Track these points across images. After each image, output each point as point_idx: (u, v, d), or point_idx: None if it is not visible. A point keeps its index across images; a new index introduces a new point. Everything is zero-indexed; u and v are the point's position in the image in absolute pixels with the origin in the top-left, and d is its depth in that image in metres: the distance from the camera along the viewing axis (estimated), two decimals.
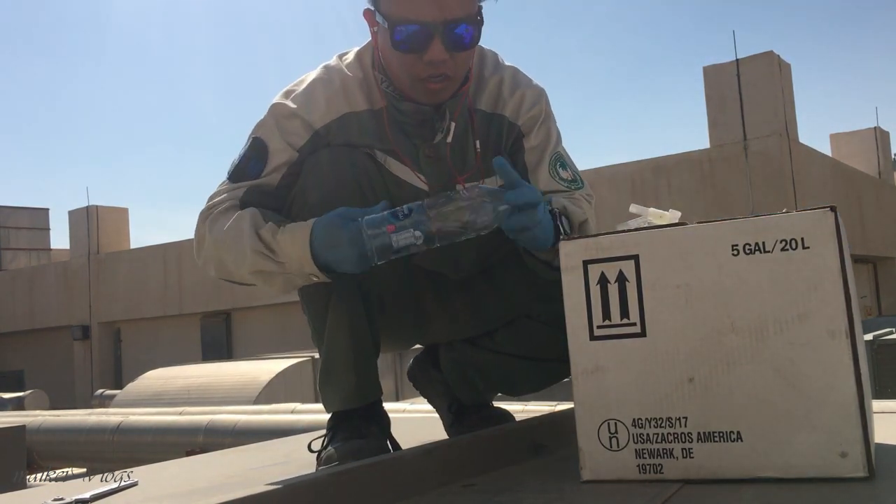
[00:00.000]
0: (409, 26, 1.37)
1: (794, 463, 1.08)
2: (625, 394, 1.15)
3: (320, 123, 1.48)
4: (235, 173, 1.49)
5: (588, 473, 1.16)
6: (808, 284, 1.07)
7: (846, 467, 1.05)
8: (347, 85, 1.50)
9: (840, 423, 1.06)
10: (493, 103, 1.55)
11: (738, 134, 10.34)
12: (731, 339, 1.10)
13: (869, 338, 4.92)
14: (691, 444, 1.13)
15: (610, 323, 1.15)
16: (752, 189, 10.13)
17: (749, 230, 1.11)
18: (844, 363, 1.06)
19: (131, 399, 8.79)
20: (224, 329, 15.26)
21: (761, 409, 1.09)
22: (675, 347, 1.12)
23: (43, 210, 23.83)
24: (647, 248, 1.14)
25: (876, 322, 8.92)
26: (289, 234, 1.33)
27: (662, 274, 1.13)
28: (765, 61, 10.43)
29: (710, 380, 1.11)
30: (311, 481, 1.10)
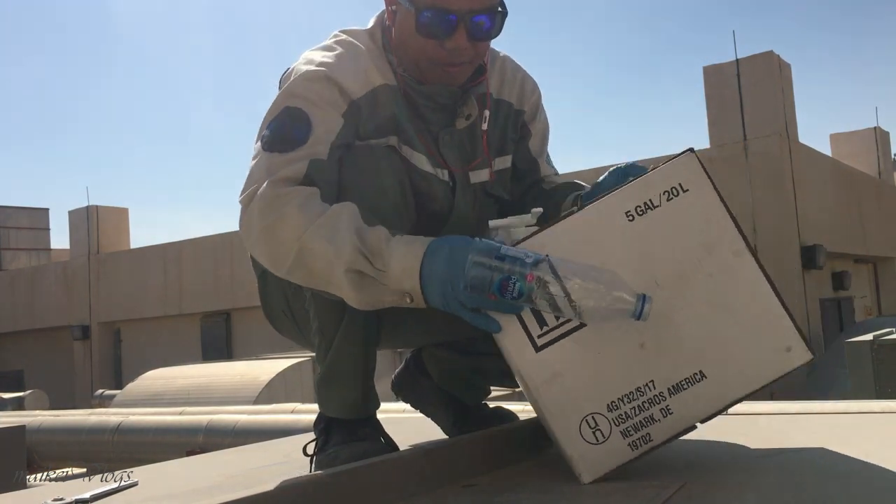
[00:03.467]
0: (436, 12, 1.38)
1: (754, 375, 1.17)
2: (589, 386, 1.17)
3: (359, 94, 1.41)
4: (277, 141, 1.34)
5: (587, 476, 1.17)
6: (701, 220, 1.19)
7: (796, 358, 1.17)
8: (375, 57, 1.47)
9: (775, 324, 1.17)
10: (498, 88, 1.58)
11: (738, 134, 10.33)
12: (660, 294, 1.16)
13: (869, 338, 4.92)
14: (666, 401, 1.17)
15: (548, 328, 1.17)
16: (752, 189, 10.12)
17: (634, 194, 1.19)
18: (756, 273, 1.19)
19: (131, 399, 8.79)
20: (224, 329, 15.25)
21: (711, 343, 1.16)
22: (616, 323, 1.14)
23: (43, 210, 23.83)
24: (553, 246, 1.17)
25: (876, 322, 8.93)
26: (404, 243, 1.23)
27: (576, 263, 1.16)
28: (765, 61, 10.42)
29: (658, 338, 1.16)
30: (311, 481, 1.10)
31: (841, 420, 1.63)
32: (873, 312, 13.34)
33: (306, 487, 1.08)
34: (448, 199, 1.50)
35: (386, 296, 1.25)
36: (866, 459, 1.21)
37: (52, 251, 22.80)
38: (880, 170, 15.17)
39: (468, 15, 1.38)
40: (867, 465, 1.18)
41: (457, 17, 1.37)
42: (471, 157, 1.53)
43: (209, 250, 14.57)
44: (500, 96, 1.58)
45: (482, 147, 1.54)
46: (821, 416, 1.72)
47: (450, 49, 1.40)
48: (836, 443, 1.39)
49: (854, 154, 14.85)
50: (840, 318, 11.56)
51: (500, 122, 1.58)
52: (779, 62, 10.52)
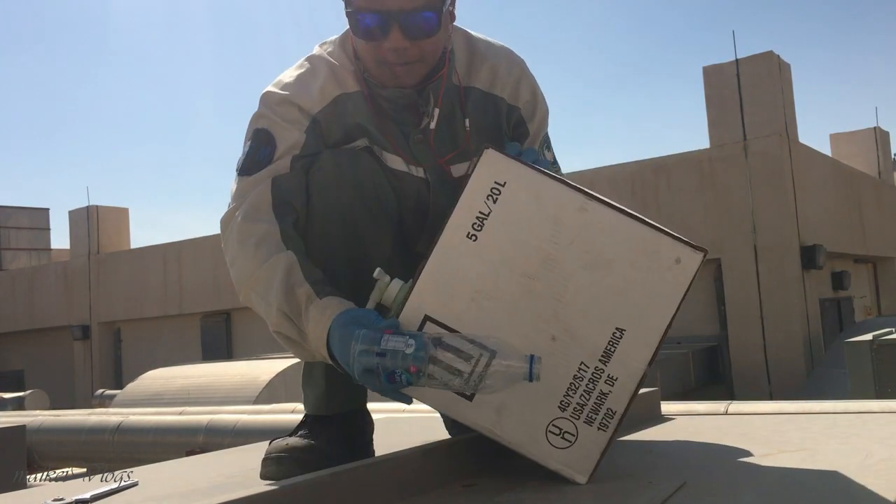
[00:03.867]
0: (368, 15, 1.39)
1: (663, 301, 1.16)
2: (533, 400, 1.18)
3: (316, 109, 1.48)
4: (246, 166, 1.45)
5: (581, 476, 1.18)
6: (533, 200, 1.18)
7: (690, 263, 1.16)
8: (335, 69, 1.51)
9: (653, 247, 1.16)
10: (489, 83, 1.57)
11: (738, 134, 10.32)
12: (538, 286, 1.17)
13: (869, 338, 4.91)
14: (605, 371, 1.17)
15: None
16: (752, 189, 10.12)
17: (463, 216, 1.21)
18: (609, 214, 1.18)
19: (131, 399, 8.78)
20: (224, 329, 15.24)
21: (609, 299, 1.16)
22: (525, 334, 1.16)
23: (43, 210, 23.82)
24: (429, 303, 1.18)
25: (876, 322, 8.92)
26: (318, 311, 1.27)
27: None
28: (765, 61, 10.42)
29: (563, 323, 1.16)
30: (311, 481, 1.10)
31: (841, 420, 1.63)
32: (873, 312, 13.33)
33: (306, 487, 1.08)
34: (425, 196, 1.51)
35: (317, 354, 1.31)
36: (866, 459, 1.21)
37: (52, 251, 22.80)
38: (880, 170, 15.17)
39: (400, 14, 1.37)
40: (867, 465, 1.18)
41: (387, 17, 1.38)
42: (451, 150, 1.53)
43: (209, 250, 14.56)
44: (491, 91, 1.57)
45: (463, 139, 1.54)
46: (821, 416, 1.72)
47: (389, 50, 1.41)
48: (836, 443, 1.39)
49: (854, 154, 14.84)
50: (840, 318, 11.56)
51: (490, 116, 1.57)
52: (779, 62, 10.52)
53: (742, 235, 10.18)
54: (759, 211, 10.08)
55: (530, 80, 1.63)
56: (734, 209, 10.27)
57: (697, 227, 10.44)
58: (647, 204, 10.77)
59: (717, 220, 10.39)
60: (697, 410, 1.97)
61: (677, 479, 1.15)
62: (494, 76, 1.58)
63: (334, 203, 1.41)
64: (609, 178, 11.17)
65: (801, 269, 10.05)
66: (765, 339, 10.00)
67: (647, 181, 10.99)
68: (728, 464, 1.29)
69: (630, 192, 10.94)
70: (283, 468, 1.38)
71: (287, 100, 1.48)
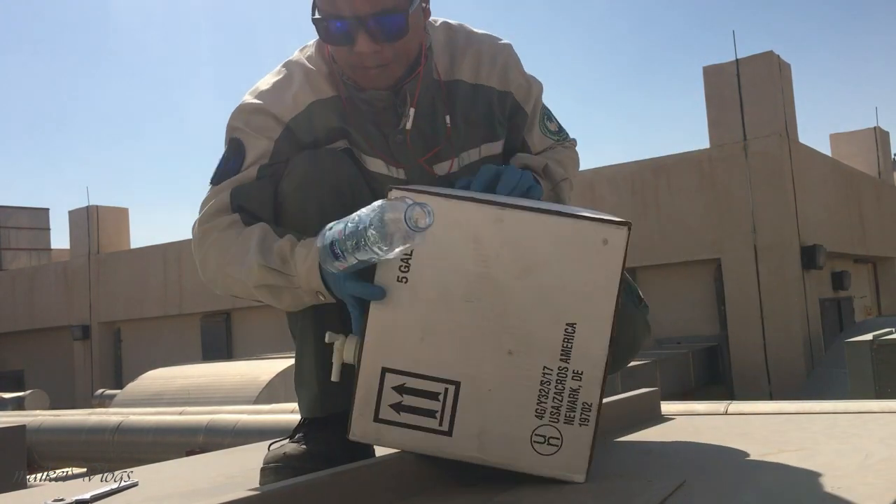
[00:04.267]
0: (334, 21, 1.38)
1: (604, 283, 1.14)
2: (510, 417, 1.17)
3: (289, 117, 1.48)
4: (217, 176, 1.49)
5: (579, 476, 1.18)
6: (453, 225, 1.16)
7: (617, 240, 1.14)
8: (310, 75, 1.51)
9: (577, 235, 1.14)
10: (474, 74, 1.56)
11: (738, 134, 10.32)
12: (479, 307, 1.16)
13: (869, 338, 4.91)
14: (569, 368, 1.16)
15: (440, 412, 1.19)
16: (752, 189, 10.12)
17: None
18: (523, 216, 1.15)
19: (131, 399, 8.78)
20: (224, 329, 15.24)
21: (550, 298, 1.15)
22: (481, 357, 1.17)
23: (43, 210, 23.80)
24: (383, 356, 1.18)
25: (876, 322, 8.92)
26: (305, 247, 1.33)
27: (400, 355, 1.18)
28: (765, 61, 10.42)
29: (514, 336, 1.16)
30: (311, 481, 1.10)
31: (841, 420, 1.63)
32: (873, 312, 13.33)
33: (306, 487, 1.08)
34: None
35: (303, 297, 1.36)
36: (866, 459, 1.21)
37: (52, 251, 22.79)
38: (880, 170, 15.17)
39: (365, 19, 1.36)
40: (867, 465, 1.18)
41: (353, 22, 1.37)
42: (439, 155, 1.52)
43: None
44: (478, 81, 1.56)
45: (444, 138, 1.52)
46: (820, 416, 1.72)
47: (359, 54, 1.40)
48: (836, 443, 1.39)
49: (854, 154, 14.84)
50: (840, 318, 11.56)
51: (481, 107, 1.55)
52: (779, 62, 10.52)
53: (742, 235, 10.19)
54: (759, 211, 10.08)
55: (517, 63, 1.61)
56: (734, 209, 10.26)
57: (697, 227, 10.44)
58: (647, 204, 10.78)
59: (717, 220, 10.39)
60: (697, 410, 1.97)
61: (677, 479, 1.15)
62: (479, 66, 1.56)
63: (310, 201, 1.41)
64: (609, 178, 11.17)
65: (801, 269, 10.06)
66: (765, 339, 10.00)
67: (647, 181, 10.99)
68: (728, 464, 1.29)
69: (630, 192, 10.94)
70: (280, 478, 1.37)
71: (260, 109, 1.49)
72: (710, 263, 10.61)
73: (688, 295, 10.71)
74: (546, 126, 1.66)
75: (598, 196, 10.91)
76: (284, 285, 1.35)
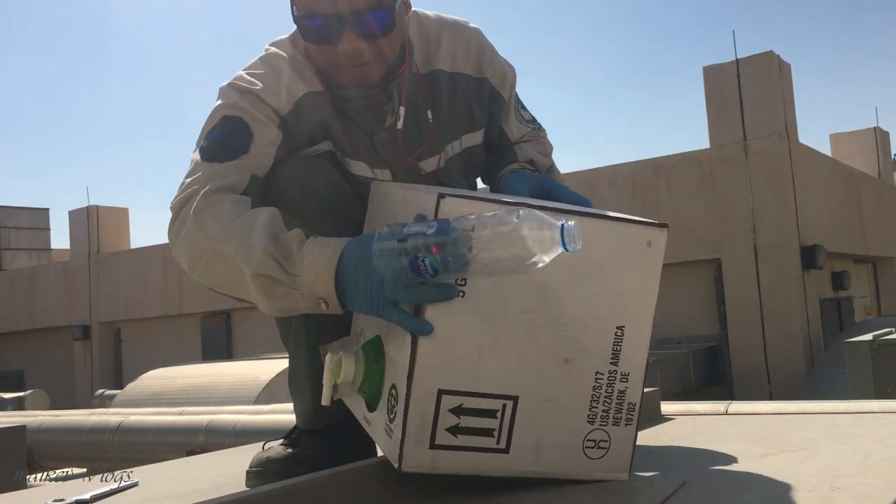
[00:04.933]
0: (317, 20, 1.33)
1: (646, 285, 1.16)
2: (566, 424, 1.15)
3: (285, 109, 1.40)
4: (218, 151, 1.32)
5: (624, 475, 1.18)
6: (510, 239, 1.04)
7: (657, 241, 1.15)
8: (298, 67, 1.43)
9: (629, 234, 1.14)
10: (451, 62, 1.51)
11: (738, 134, 10.33)
12: (535, 317, 1.11)
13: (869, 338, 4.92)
14: (618, 371, 1.15)
15: (497, 428, 1.13)
16: (752, 189, 10.13)
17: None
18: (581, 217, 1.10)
19: (131, 399, 8.78)
20: (224, 329, 15.24)
21: (603, 301, 1.13)
22: (538, 367, 1.13)
23: (43, 210, 23.81)
24: (439, 378, 1.09)
25: (876, 322, 8.92)
26: (319, 246, 1.16)
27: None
28: (765, 61, 10.42)
29: (570, 342, 1.13)
30: (311, 481, 1.10)
31: (841, 420, 1.63)
32: (873, 312, 13.34)
33: (306, 488, 1.08)
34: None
35: (299, 302, 1.19)
36: (866, 459, 1.21)
37: (52, 251, 22.79)
38: (880, 170, 15.17)
39: (351, 15, 1.31)
40: (867, 465, 1.18)
41: (338, 19, 1.31)
42: (419, 146, 1.48)
43: None
44: (455, 69, 1.51)
45: (427, 134, 1.48)
46: (820, 416, 1.72)
47: (343, 53, 1.34)
48: (836, 443, 1.39)
49: (854, 154, 14.85)
50: (840, 318, 11.57)
51: (460, 95, 1.51)
52: (779, 62, 10.52)
53: (742, 235, 10.19)
54: (759, 211, 10.08)
55: (491, 47, 1.56)
56: (734, 209, 10.26)
57: (697, 227, 10.44)
58: (647, 204, 10.77)
59: (717, 220, 10.39)
60: (697, 410, 1.97)
61: (677, 479, 1.15)
62: (454, 53, 1.51)
63: (297, 215, 1.29)
64: (609, 178, 11.17)
65: (801, 269, 10.06)
66: (765, 339, 10.00)
67: (647, 181, 10.99)
68: (728, 464, 1.29)
69: (630, 192, 10.94)
70: (261, 482, 1.37)
71: (258, 96, 1.38)
72: (710, 263, 10.61)
73: (688, 295, 10.71)
74: (521, 114, 1.61)
75: (598, 196, 10.90)
76: (284, 282, 1.17)
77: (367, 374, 1.17)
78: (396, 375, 1.12)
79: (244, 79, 1.41)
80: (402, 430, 1.08)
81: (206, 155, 1.32)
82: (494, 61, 1.56)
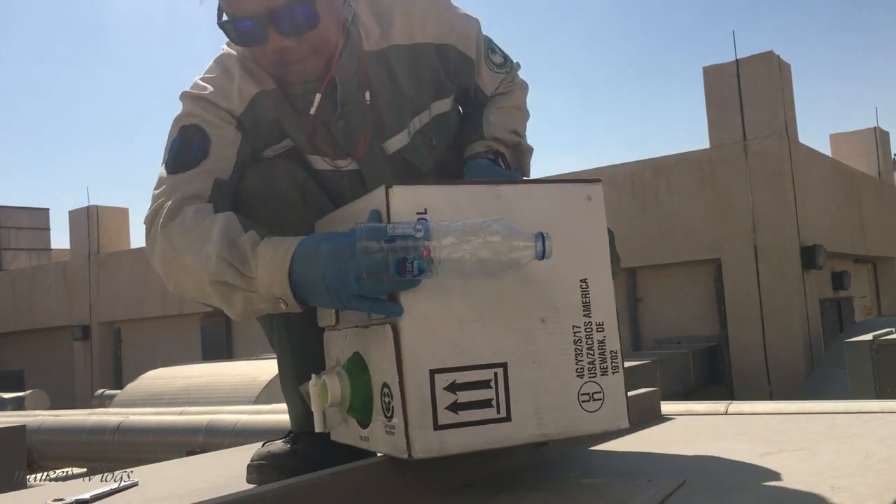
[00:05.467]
0: (240, 23, 1.33)
1: (596, 234, 1.22)
2: (558, 382, 1.18)
3: (239, 112, 1.41)
4: (179, 163, 1.35)
5: (624, 423, 1.21)
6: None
7: (598, 198, 1.24)
8: (248, 66, 1.44)
9: (569, 192, 1.21)
10: (408, 34, 1.49)
11: (738, 134, 10.33)
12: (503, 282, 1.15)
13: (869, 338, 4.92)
14: (592, 320, 1.20)
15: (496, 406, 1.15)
16: (752, 189, 10.13)
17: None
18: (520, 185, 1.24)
19: (131, 399, 8.78)
20: (224, 329, 15.24)
21: (563, 261, 1.17)
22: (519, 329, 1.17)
23: (43, 210, 23.80)
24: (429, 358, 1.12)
25: (876, 322, 8.92)
26: (272, 247, 1.19)
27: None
28: (765, 61, 10.42)
29: (543, 302, 1.17)
30: (311, 481, 1.10)
31: (841, 420, 1.63)
32: (873, 312, 13.34)
33: (306, 487, 1.08)
34: (358, 189, 1.42)
35: (258, 304, 1.21)
36: (866, 459, 1.21)
37: (52, 251, 22.79)
38: (880, 170, 15.18)
39: (270, 15, 1.30)
40: (867, 465, 1.18)
41: (259, 21, 1.31)
42: (386, 131, 1.48)
43: None
44: (413, 41, 1.48)
45: (366, 118, 1.46)
46: (820, 416, 1.72)
47: (273, 52, 1.35)
48: (836, 443, 1.39)
49: (854, 154, 14.85)
50: (840, 318, 11.57)
51: (424, 67, 1.49)
52: (779, 62, 10.52)
53: (742, 235, 10.19)
54: (759, 211, 10.08)
55: (447, 6, 1.54)
56: (734, 209, 10.26)
57: (697, 227, 10.44)
58: (647, 204, 10.78)
59: (717, 220, 10.39)
60: (697, 410, 1.97)
61: (677, 479, 1.15)
62: (411, 24, 1.48)
63: (262, 219, 1.32)
64: (609, 178, 11.15)
65: (801, 269, 10.06)
66: (765, 339, 10.00)
67: (647, 181, 10.99)
68: (728, 464, 1.29)
69: (630, 192, 10.94)
70: (262, 476, 1.38)
71: (210, 101, 1.40)
72: (710, 263, 10.61)
73: (688, 295, 10.71)
74: (491, 61, 1.58)
75: None
76: (241, 286, 1.20)
77: (353, 389, 1.19)
78: (385, 373, 1.15)
79: (197, 85, 1.43)
80: (403, 419, 1.10)
81: (168, 167, 1.36)
82: (455, 21, 1.53)
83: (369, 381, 1.20)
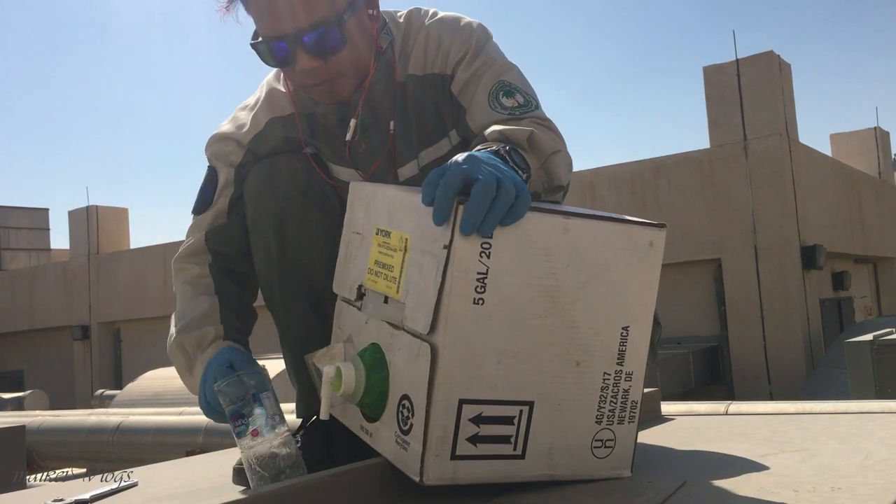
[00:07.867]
0: (271, 42, 1.36)
1: (648, 283, 1.17)
2: (576, 426, 1.16)
3: (248, 138, 1.51)
4: (196, 205, 1.55)
5: (627, 472, 1.19)
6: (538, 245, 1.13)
7: (657, 242, 1.16)
8: (272, 94, 1.53)
9: (633, 235, 1.15)
10: (423, 64, 1.47)
11: (738, 134, 10.33)
12: (550, 321, 1.11)
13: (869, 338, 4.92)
14: (623, 369, 1.16)
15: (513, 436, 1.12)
16: (752, 189, 10.12)
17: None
18: (585, 226, 1.12)
19: (131, 399, 8.78)
20: None
21: (611, 306, 1.14)
22: (552, 372, 1.13)
23: (43, 210, 23.82)
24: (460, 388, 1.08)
25: (876, 322, 8.92)
26: (214, 349, 1.42)
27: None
28: (765, 61, 10.42)
29: (583, 346, 1.13)
30: (311, 481, 1.10)
31: (841, 420, 1.63)
32: (873, 312, 13.33)
33: (306, 487, 1.08)
34: None
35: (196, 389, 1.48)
36: (866, 459, 1.21)
37: (52, 251, 22.80)
38: (880, 170, 15.17)
39: (296, 35, 1.32)
40: (867, 465, 1.18)
41: (288, 41, 1.33)
42: (399, 160, 1.49)
43: None
44: (426, 71, 1.46)
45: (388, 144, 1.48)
46: (820, 416, 1.72)
47: (301, 72, 1.37)
48: (836, 443, 1.39)
49: (854, 154, 14.85)
50: (840, 319, 11.56)
51: (429, 99, 1.46)
52: (779, 62, 10.52)
53: (742, 235, 10.18)
54: (759, 211, 10.07)
55: (464, 36, 1.45)
56: (734, 209, 10.26)
57: (697, 227, 10.44)
58: (647, 204, 10.77)
59: (717, 220, 10.39)
60: (697, 410, 1.97)
61: (677, 479, 1.16)
62: (426, 54, 1.47)
63: (264, 211, 1.45)
64: (609, 178, 11.17)
65: (801, 269, 10.05)
66: (765, 339, 10.00)
67: (647, 181, 10.99)
68: (728, 464, 1.29)
69: (630, 192, 10.93)
70: (243, 479, 1.40)
71: (225, 135, 1.54)
72: (710, 263, 10.61)
73: (688, 295, 10.71)
74: (499, 101, 1.40)
75: (598, 196, 10.91)
76: (186, 371, 1.46)
77: (369, 384, 1.17)
78: (409, 387, 1.11)
79: (227, 118, 1.58)
80: (422, 443, 1.07)
81: (193, 208, 1.55)
82: (461, 51, 1.44)
83: (386, 378, 1.17)
